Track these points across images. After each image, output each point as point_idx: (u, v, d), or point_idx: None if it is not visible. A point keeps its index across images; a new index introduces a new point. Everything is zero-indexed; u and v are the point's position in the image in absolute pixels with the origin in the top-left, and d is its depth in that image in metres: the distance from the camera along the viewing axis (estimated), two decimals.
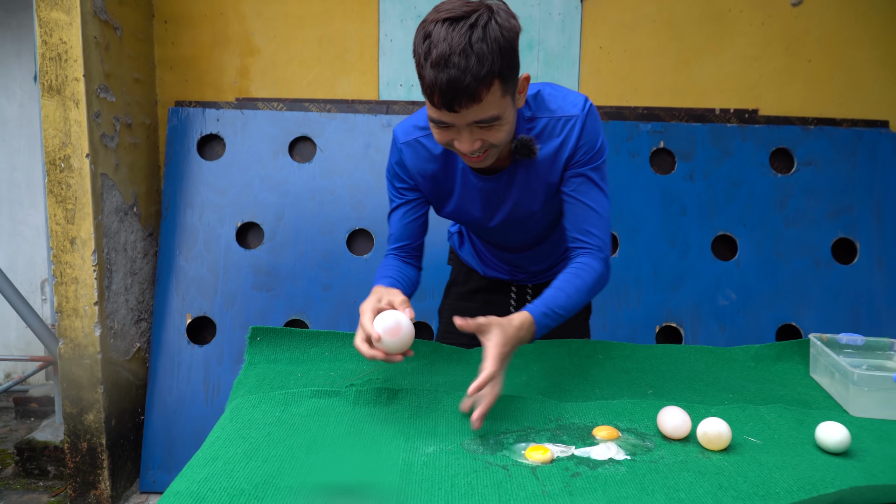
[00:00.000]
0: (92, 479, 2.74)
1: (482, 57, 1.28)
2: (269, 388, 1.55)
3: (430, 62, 1.29)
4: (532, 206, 1.67)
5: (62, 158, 2.57)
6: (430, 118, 1.40)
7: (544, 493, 1.09)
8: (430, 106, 1.37)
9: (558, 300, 1.52)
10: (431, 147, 1.62)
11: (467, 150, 1.41)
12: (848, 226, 3.08)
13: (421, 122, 1.63)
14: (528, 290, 2.00)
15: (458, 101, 1.31)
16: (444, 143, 1.44)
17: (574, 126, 1.55)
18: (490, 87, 1.32)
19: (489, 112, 1.35)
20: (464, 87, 1.29)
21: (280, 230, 3.05)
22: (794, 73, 3.25)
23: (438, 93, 1.31)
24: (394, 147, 1.67)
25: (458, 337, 1.89)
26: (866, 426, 1.41)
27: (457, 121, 1.36)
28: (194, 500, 1.04)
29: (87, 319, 2.64)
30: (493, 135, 1.41)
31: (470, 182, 1.64)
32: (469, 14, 1.30)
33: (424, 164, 1.64)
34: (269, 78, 3.27)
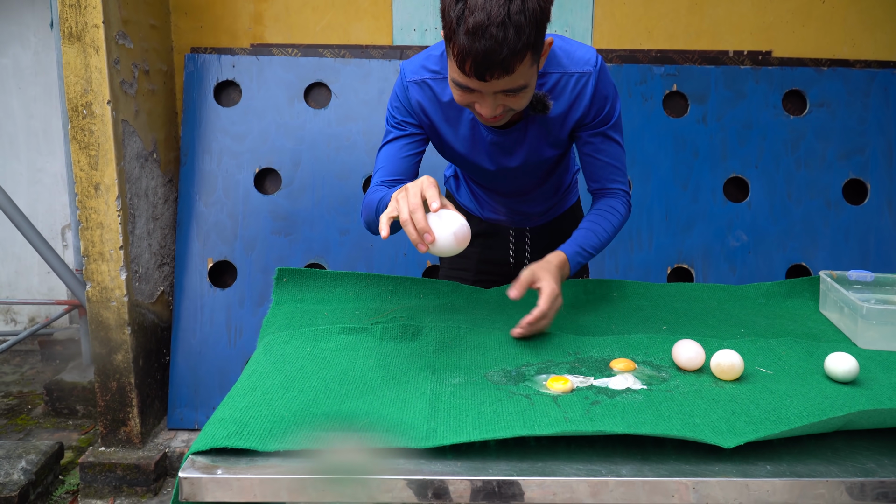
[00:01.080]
0: (122, 417, 2.84)
1: (520, 29, 1.26)
2: (297, 325, 1.62)
3: (464, 29, 1.26)
4: (540, 158, 1.71)
5: (84, 105, 2.61)
6: (454, 80, 1.39)
7: (566, 419, 1.15)
8: (457, 70, 1.34)
9: (589, 240, 1.65)
10: (440, 92, 1.60)
11: (488, 114, 1.41)
12: (859, 167, 3.10)
13: (431, 63, 1.60)
14: (527, 232, 2.01)
15: (491, 71, 1.29)
16: (463, 103, 1.44)
17: (587, 83, 1.57)
18: (523, 59, 1.31)
19: (518, 82, 1.35)
20: (499, 60, 1.27)
21: (297, 176, 3.10)
22: (808, 13, 3.23)
23: (472, 62, 1.28)
24: (401, 81, 1.63)
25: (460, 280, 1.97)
26: (874, 357, 1.47)
27: (484, 88, 1.35)
28: (238, 427, 1.11)
29: (114, 263, 2.71)
30: (516, 101, 1.41)
31: (480, 134, 1.64)
32: None
33: (431, 106, 1.62)
34: (283, 23, 3.28)
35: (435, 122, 1.64)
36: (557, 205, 2.01)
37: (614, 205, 1.72)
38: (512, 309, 1.77)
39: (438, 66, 1.58)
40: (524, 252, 2.02)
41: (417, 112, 1.63)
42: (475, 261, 2.02)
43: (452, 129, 1.65)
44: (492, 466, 1.06)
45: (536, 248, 2.02)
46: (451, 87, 1.43)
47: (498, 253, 2.02)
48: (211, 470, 1.02)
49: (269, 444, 1.06)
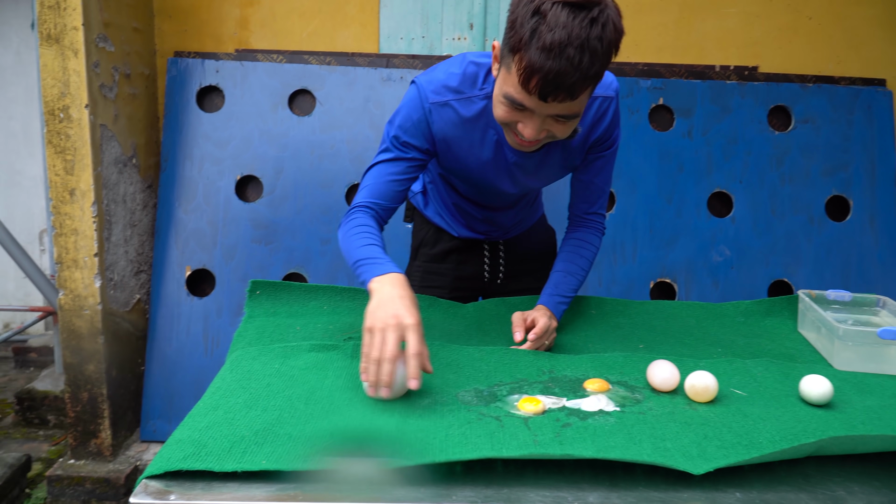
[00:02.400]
0: (93, 429, 2.79)
1: (595, 56, 1.22)
2: (268, 340, 1.59)
3: (539, 44, 1.20)
4: (554, 178, 1.72)
5: (61, 109, 2.57)
6: (507, 95, 1.33)
7: (535, 442, 1.13)
8: (517, 86, 1.29)
9: (568, 284, 1.71)
10: (463, 111, 1.53)
11: (531, 136, 1.36)
12: (842, 183, 3.10)
13: (452, 82, 1.53)
14: (500, 245, 2.00)
15: (556, 94, 1.25)
16: (507, 121, 1.39)
17: (609, 108, 1.57)
18: (589, 87, 1.28)
19: (574, 109, 1.32)
20: (569, 84, 1.23)
21: (279, 184, 3.07)
22: (795, 30, 3.24)
23: (540, 79, 1.23)
24: (417, 102, 1.54)
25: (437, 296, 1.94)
26: (849, 379, 1.45)
27: (539, 109, 1.31)
28: (196, 447, 1.08)
29: (87, 270, 2.67)
30: (562, 129, 1.37)
31: (504, 155, 1.59)
32: (590, 5, 1.21)
33: (452, 128, 1.56)
34: (269, 29, 3.25)
35: (453, 146, 1.59)
36: (528, 216, 2.01)
37: (589, 238, 1.75)
38: (488, 324, 1.76)
39: (461, 85, 1.53)
40: (498, 265, 2.01)
41: (435, 137, 1.57)
42: (450, 277, 2.00)
43: (472, 151, 1.59)
44: (456, 493, 1.03)
45: (510, 260, 2.01)
46: (498, 101, 1.37)
47: (473, 268, 2.00)
48: (164, 495, 0.99)
49: (226, 464, 1.03)
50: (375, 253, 1.44)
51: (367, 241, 1.47)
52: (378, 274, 1.37)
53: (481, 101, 1.53)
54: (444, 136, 1.57)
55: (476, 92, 1.53)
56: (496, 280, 2.01)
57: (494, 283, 2.02)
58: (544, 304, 1.67)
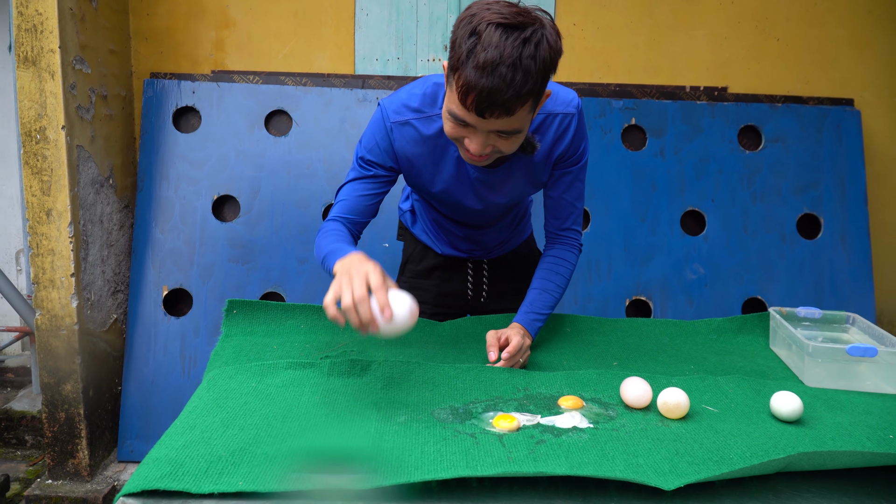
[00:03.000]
0: (70, 449, 2.77)
1: (528, 74, 1.26)
2: (245, 359, 1.59)
3: (474, 63, 1.26)
4: (522, 195, 1.75)
5: (38, 130, 2.57)
6: (451, 112, 1.38)
7: (510, 459, 1.14)
8: (457, 102, 1.34)
9: (543, 301, 1.72)
10: (423, 130, 1.58)
11: (476, 151, 1.41)
12: (813, 201, 3.15)
13: (413, 102, 1.58)
14: (484, 265, 2.03)
15: (492, 110, 1.30)
16: (454, 136, 1.43)
17: (570, 124, 1.60)
18: (525, 104, 1.32)
19: (514, 125, 1.36)
20: (503, 100, 1.28)
21: (256, 203, 3.07)
22: (763, 51, 3.30)
23: (475, 96, 1.28)
24: (380, 123, 1.60)
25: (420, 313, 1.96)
26: (819, 396, 1.48)
27: (480, 125, 1.36)
28: (173, 467, 1.08)
29: (64, 291, 2.66)
30: (506, 144, 1.41)
31: (465, 172, 1.63)
32: (524, 25, 1.27)
33: (413, 146, 1.61)
34: (245, 51, 3.27)
35: (417, 163, 1.63)
36: (513, 237, 2.03)
37: (565, 256, 1.77)
38: (465, 342, 1.77)
39: (421, 105, 1.58)
40: (482, 284, 2.03)
41: (397, 155, 1.62)
42: (433, 294, 2.02)
43: (436, 168, 1.64)
44: None
45: (494, 280, 2.03)
46: (445, 118, 1.42)
47: (456, 286, 2.03)
48: None
49: (203, 486, 1.04)
50: (342, 246, 1.49)
51: (334, 238, 1.54)
52: (341, 257, 1.42)
53: (441, 119, 1.56)
54: (406, 153, 1.61)
55: (436, 111, 1.57)
56: (479, 299, 2.04)
57: (478, 302, 2.04)
58: (519, 322, 1.69)
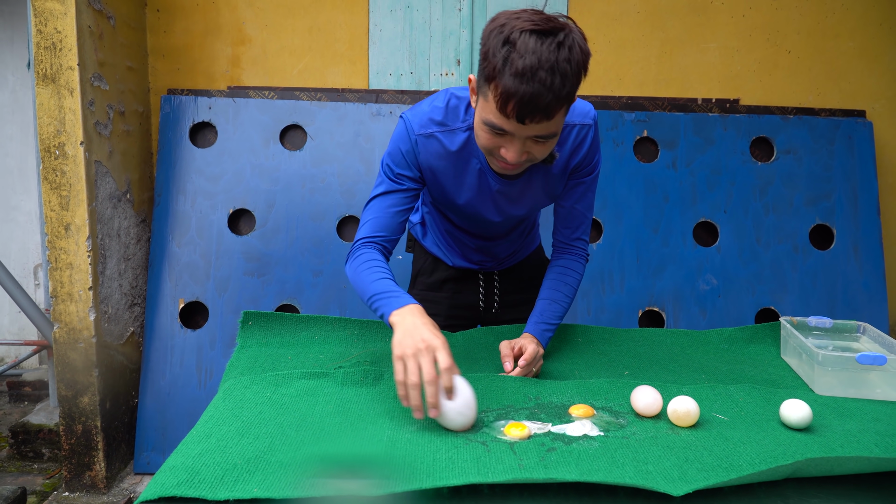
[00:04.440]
0: (87, 461, 2.80)
1: (566, 77, 1.28)
2: (260, 370, 1.62)
3: (512, 71, 1.27)
4: (537, 207, 1.78)
5: (57, 146, 2.62)
6: (487, 121, 1.39)
7: (521, 466, 1.15)
8: (496, 112, 1.35)
9: (553, 312, 1.74)
10: (448, 143, 1.60)
11: (514, 159, 1.42)
12: (825, 213, 3.15)
13: (437, 115, 1.60)
14: (495, 276, 2.04)
15: (532, 115, 1.31)
16: (490, 147, 1.45)
17: (587, 135, 1.63)
18: (563, 107, 1.34)
19: (551, 129, 1.37)
20: (544, 105, 1.29)
21: (271, 217, 3.11)
22: (775, 63, 3.31)
23: (516, 103, 1.30)
24: (405, 135, 1.62)
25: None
26: (829, 404, 1.48)
27: (518, 132, 1.37)
28: (189, 474, 1.10)
29: (82, 304, 2.70)
30: (541, 149, 1.43)
31: (487, 184, 1.65)
32: (555, 31, 1.29)
33: (436, 159, 1.63)
34: (260, 67, 3.32)
35: (440, 176, 1.65)
36: (523, 247, 2.05)
37: (573, 266, 1.79)
38: (477, 352, 1.79)
39: (445, 118, 1.60)
40: (493, 295, 2.04)
41: (422, 167, 1.64)
42: (446, 306, 2.03)
43: (458, 180, 1.66)
44: None
45: (505, 291, 2.05)
46: (479, 129, 1.44)
47: (468, 297, 2.04)
48: None
49: (219, 493, 1.06)
50: (390, 287, 1.50)
51: (378, 275, 1.54)
52: (397, 307, 1.43)
53: (464, 132, 1.60)
54: (430, 166, 1.64)
55: (458, 124, 1.60)
56: (491, 310, 2.05)
57: (490, 313, 2.06)
58: (530, 332, 1.71)
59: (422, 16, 3.30)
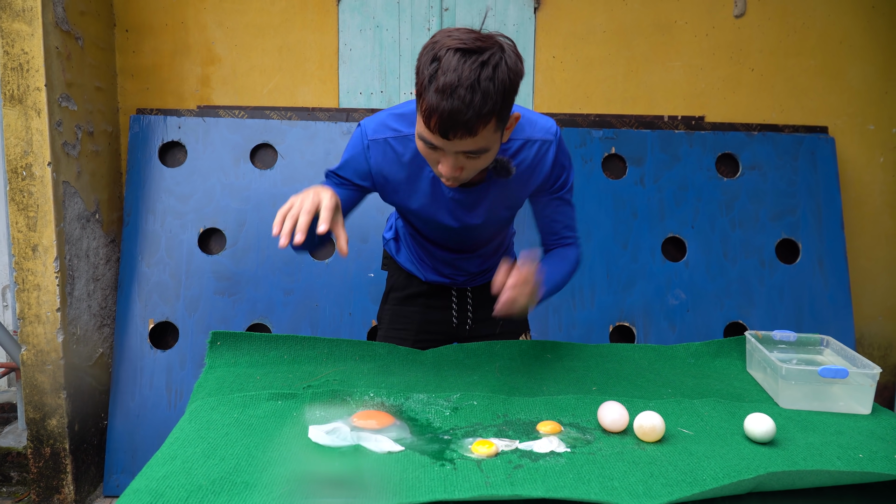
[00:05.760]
0: (55, 484, 2.76)
1: (487, 95, 1.32)
2: (228, 390, 1.61)
3: (434, 87, 1.32)
4: (498, 216, 1.77)
5: (24, 167, 2.60)
6: (420, 136, 1.43)
7: (487, 484, 1.16)
8: (424, 126, 1.39)
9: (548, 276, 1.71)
10: (401, 152, 1.63)
11: (448, 173, 1.45)
12: (791, 227, 3.20)
13: (393, 122, 1.63)
14: (468, 292, 2.05)
15: (454, 131, 1.35)
16: (429, 161, 1.49)
17: (548, 151, 1.65)
18: (487, 124, 1.36)
19: (479, 144, 1.40)
20: (464, 121, 1.33)
21: (242, 236, 3.10)
22: (738, 81, 3.37)
23: (437, 119, 1.34)
24: (359, 140, 1.65)
25: (401, 341, 1.99)
26: (793, 417, 1.51)
27: (446, 147, 1.40)
28: (153, 497, 1.10)
29: (50, 325, 2.67)
30: (475, 164, 1.46)
31: (440, 191, 1.67)
32: (482, 49, 1.32)
33: (390, 166, 1.65)
34: (230, 86, 3.32)
35: (393, 181, 1.67)
36: (496, 264, 2.04)
37: (565, 252, 1.83)
38: (447, 370, 1.79)
39: (400, 125, 1.62)
40: (466, 310, 2.05)
41: (372, 172, 1.66)
42: (417, 321, 2.04)
43: (412, 186, 1.68)
44: None
45: (478, 306, 2.05)
46: (417, 141, 1.47)
47: (440, 313, 2.05)
48: None
49: None
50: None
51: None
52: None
53: None
54: (381, 170, 1.66)
55: (413, 130, 1.61)
56: (465, 325, 2.05)
57: (463, 329, 2.06)
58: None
59: (391, 35, 3.32)
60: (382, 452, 1.29)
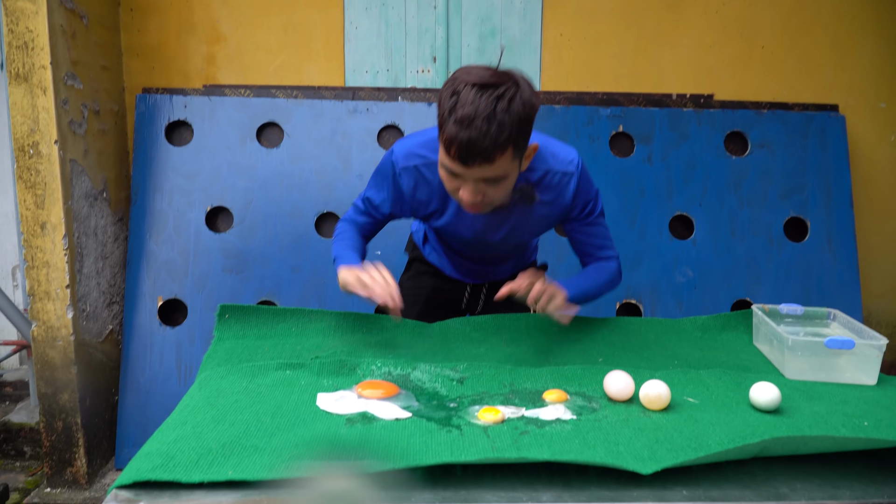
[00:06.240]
0: (68, 457, 2.79)
1: (502, 126, 1.41)
2: (237, 360, 1.62)
3: (454, 118, 1.41)
4: (519, 240, 1.87)
5: (31, 145, 2.61)
6: (443, 164, 1.52)
7: (494, 448, 1.17)
8: (445, 154, 1.48)
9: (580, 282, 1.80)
10: (430, 178, 1.72)
11: (469, 200, 1.54)
12: (799, 205, 3.19)
13: (422, 149, 1.72)
14: (483, 287, 2.13)
15: (473, 159, 1.44)
16: (451, 189, 1.57)
17: (570, 182, 1.72)
18: (504, 152, 1.45)
19: (497, 172, 1.48)
20: (481, 149, 1.42)
21: (249, 214, 3.11)
22: (748, 58, 3.35)
23: (457, 147, 1.43)
24: (389, 166, 1.75)
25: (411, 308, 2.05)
26: (799, 387, 1.51)
27: (466, 174, 1.49)
28: (164, 460, 1.11)
29: (59, 302, 2.69)
30: (495, 191, 1.54)
31: (465, 214, 1.76)
32: (498, 84, 1.42)
33: (420, 189, 1.75)
34: (236, 65, 3.31)
35: (423, 202, 1.77)
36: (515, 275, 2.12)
37: (605, 265, 1.87)
38: (454, 342, 1.80)
39: (428, 152, 1.71)
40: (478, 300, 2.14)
41: (404, 196, 1.77)
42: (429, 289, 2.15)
43: (442, 207, 1.77)
44: (415, 496, 1.07)
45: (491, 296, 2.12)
46: (440, 169, 1.56)
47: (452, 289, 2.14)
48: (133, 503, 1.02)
49: (193, 476, 1.06)
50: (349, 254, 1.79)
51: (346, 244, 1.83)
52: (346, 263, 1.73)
53: None
54: (413, 194, 1.76)
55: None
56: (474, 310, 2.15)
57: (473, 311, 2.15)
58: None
59: (397, 13, 3.31)
60: (390, 419, 1.30)
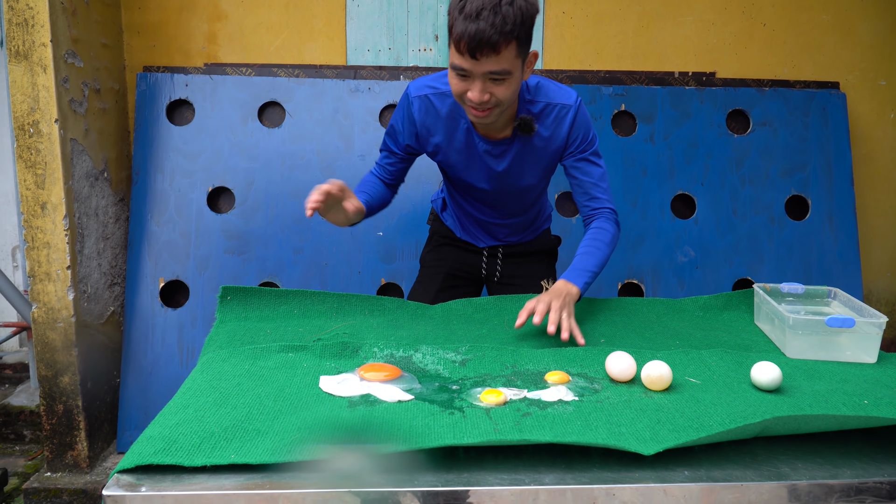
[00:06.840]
0: (69, 441, 2.80)
1: (507, 17, 1.53)
2: (239, 343, 1.63)
3: (463, 14, 1.54)
4: (523, 178, 1.93)
5: (31, 124, 2.60)
6: (452, 65, 1.63)
7: (496, 430, 1.17)
8: (456, 53, 1.59)
9: (586, 262, 1.83)
10: (439, 106, 1.85)
11: (477, 98, 1.63)
12: (801, 183, 3.19)
13: (433, 82, 1.86)
14: (500, 249, 2.18)
15: (481, 49, 1.55)
16: (459, 92, 1.67)
17: (567, 114, 1.84)
18: (509, 44, 1.56)
19: (503, 65, 1.59)
20: (487, 38, 1.53)
21: (251, 195, 3.10)
22: (750, 36, 3.33)
23: (466, 40, 1.54)
24: (405, 97, 1.89)
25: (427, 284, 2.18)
26: (800, 366, 1.52)
27: (475, 68, 1.59)
28: (166, 444, 1.11)
29: (60, 283, 2.68)
30: (501, 90, 1.64)
31: (474, 143, 1.88)
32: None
33: (430, 117, 1.87)
34: (237, 43, 3.29)
35: (433, 130, 1.89)
36: (528, 233, 2.20)
37: (603, 225, 1.92)
38: (456, 324, 1.80)
39: (439, 83, 1.85)
40: (496, 266, 2.19)
41: (418, 127, 1.89)
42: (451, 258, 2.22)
43: (449, 138, 1.89)
44: (417, 478, 1.08)
45: (507, 261, 2.19)
46: (450, 76, 1.67)
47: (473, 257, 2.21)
48: (135, 488, 1.03)
49: (196, 459, 1.07)
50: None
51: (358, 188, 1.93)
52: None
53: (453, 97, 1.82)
54: (424, 122, 1.89)
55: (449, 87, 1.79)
56: (493, 278, 2.21)
57: (492, 282, 2.22)
58: (563, 278, 1.80)
59: None
60: (392, 402, 1.30)
